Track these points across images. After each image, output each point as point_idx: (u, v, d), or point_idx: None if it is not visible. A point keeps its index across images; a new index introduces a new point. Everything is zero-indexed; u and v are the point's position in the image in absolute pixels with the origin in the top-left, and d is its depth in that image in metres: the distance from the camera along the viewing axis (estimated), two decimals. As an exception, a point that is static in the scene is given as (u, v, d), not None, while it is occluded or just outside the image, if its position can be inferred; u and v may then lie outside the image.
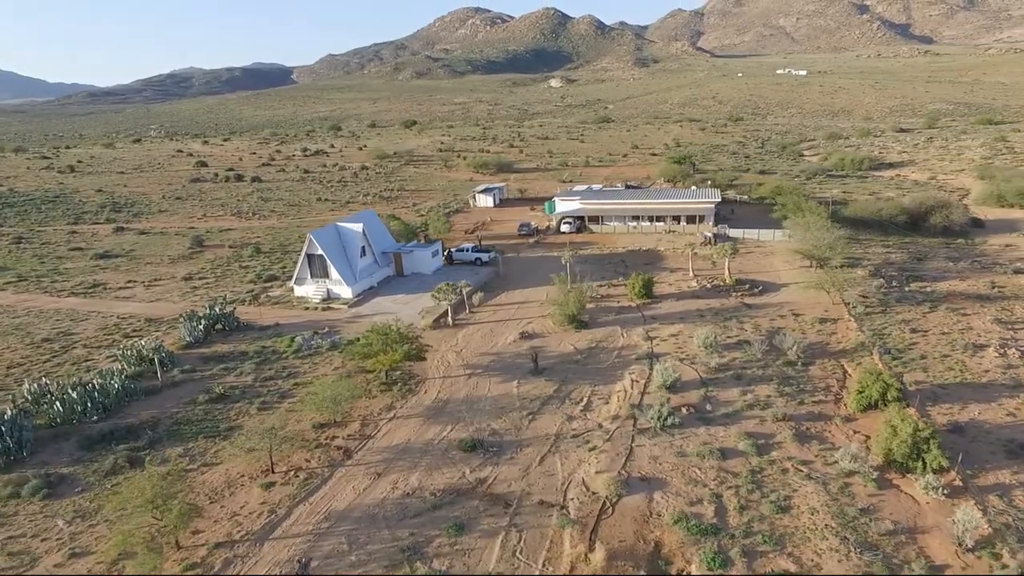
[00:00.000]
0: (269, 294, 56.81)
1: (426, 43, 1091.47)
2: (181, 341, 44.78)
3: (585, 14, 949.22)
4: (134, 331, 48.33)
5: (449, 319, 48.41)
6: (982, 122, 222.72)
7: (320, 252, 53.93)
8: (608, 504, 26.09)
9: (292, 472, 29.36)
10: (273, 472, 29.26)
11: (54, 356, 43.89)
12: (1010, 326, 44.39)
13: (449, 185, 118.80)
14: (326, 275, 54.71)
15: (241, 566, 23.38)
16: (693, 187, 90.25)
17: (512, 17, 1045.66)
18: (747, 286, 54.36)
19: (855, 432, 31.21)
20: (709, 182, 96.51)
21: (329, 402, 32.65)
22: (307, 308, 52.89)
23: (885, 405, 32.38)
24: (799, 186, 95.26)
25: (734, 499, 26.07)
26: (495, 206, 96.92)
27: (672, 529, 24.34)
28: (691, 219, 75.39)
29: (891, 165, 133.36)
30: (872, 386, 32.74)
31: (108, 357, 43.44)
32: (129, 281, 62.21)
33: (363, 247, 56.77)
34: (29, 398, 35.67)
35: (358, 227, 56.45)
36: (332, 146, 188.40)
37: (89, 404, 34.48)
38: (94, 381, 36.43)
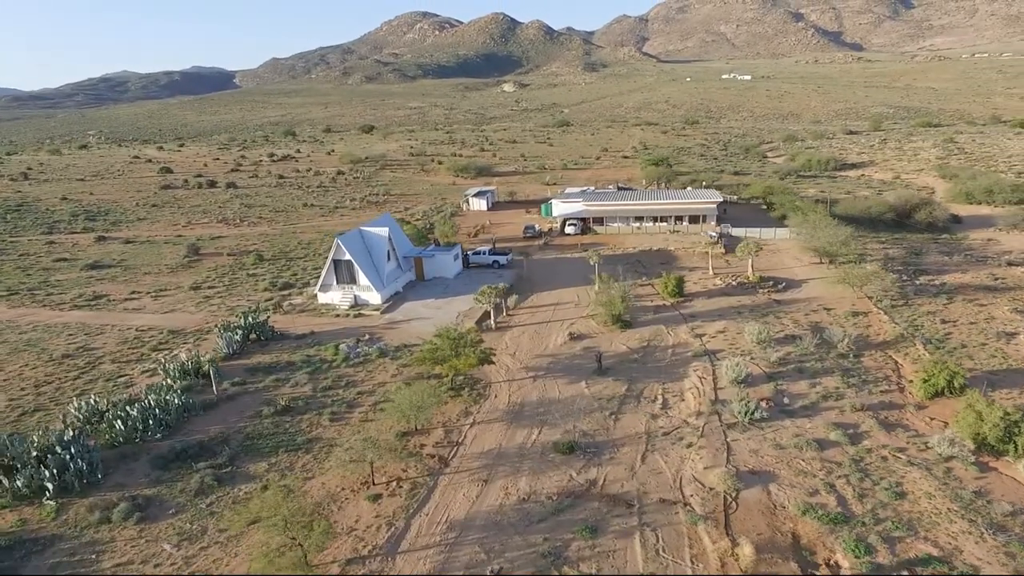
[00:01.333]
0: (291, 302, 54.99)
1: (374, 47, 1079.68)
2: (219, 352, 42.83)
3: (533, 19, 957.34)
4: (161, 344, 45.99)
5: (492, 322, 47.94)
6: (922, 125, 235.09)
7: (348, 257, 52.57)
8: (729, 499, 26.31)
9: (393, 483, 28.47)
10: (374, 484, 28.32)
11: (82, 373, 41.33)
12: (1026, 314, 46.88)
13: (433, 189, 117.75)
14: (353, 281, 53.36)
15: (382, 581, 22.54)
16: (688, 188, 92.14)
17: (461, 22, 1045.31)
18: (771, 283, 55.77)
19: (932, 419, 32.40)
20: (704, 183, 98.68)
21: (414, 410, 31.81)
22: (337, 315, 51.45)
23: (951, 393, 33.82)
24: (788, 186, 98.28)
25: (848, 488, 26.68)
26: (488, 209, 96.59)
27: (803, 520, 24.74)
28: (694, 219, 76.90)
29: (854, 165, 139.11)
30: (939, 375, 34.07)
31: (144, 372, 41.24)
32: (133, 292, 59.20)
33: (388, 252, 55.60)
34: (80, 417, 33.45)
35: (384, 231, 55.33)
36: (299, 151, 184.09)
37: (150, 421, 32.61)
38: (149, 398, 34.45)
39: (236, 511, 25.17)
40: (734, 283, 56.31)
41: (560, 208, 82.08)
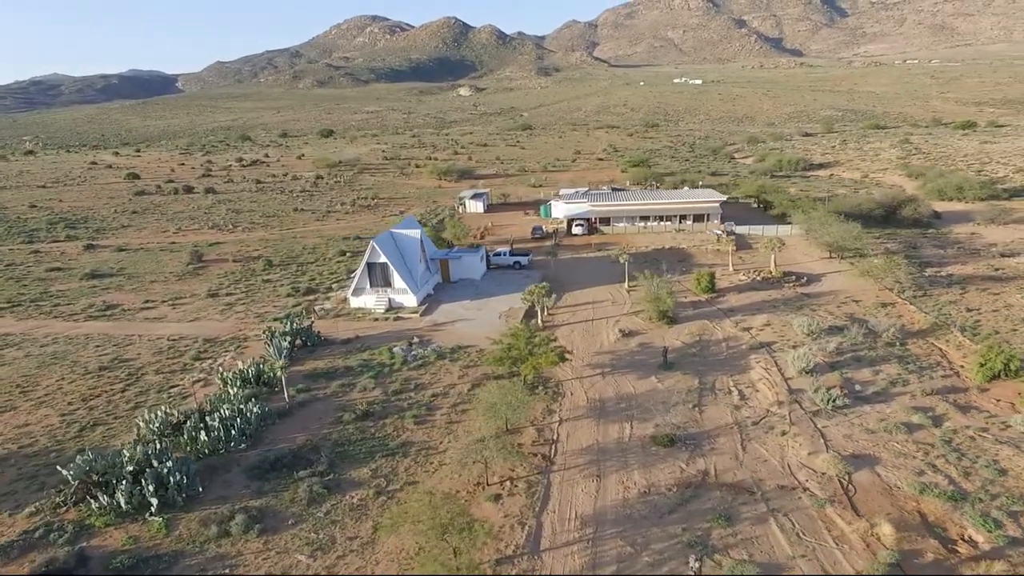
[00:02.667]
0: (323, 307, 53.73)
1: (323, 51, 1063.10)
2: (273, 359, 41.50)
3: (486, 24, 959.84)
4: (202, 353, 44.26)
5: (539, 321, 48.00)
6: (871, 127, 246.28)
7: (383, 260, 51.76)
8: (844, 482, 27.16)
9: (506, 483, 28.28)
10: (488, 484, 28.06)
11: (127, 385, 39.43)
12: (1039, 301, 49.78)
13: (421, 192, 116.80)
14: (388, 284, 52.55)
15: (537, 579, 22.39)
16: (685, 187, 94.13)
17: (412, 26, 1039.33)
18: (793, 278, 57.60)
19: (998, 400, 34.14)
20: (699, 183, 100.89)
21: (510, 409, 31.62)
22: (375, 319, 50.56)
23: (1007, 375, 35.74)
24: (781, 186, 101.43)
25: (950, 467, 27.91)
26: (485, 211, 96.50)
27: (923, 499, 25.77)
28: (698, 218, 78.64)
29: (821, 165, 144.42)
30: (995, 359, 35.93)
31: (196, 382, 39.67)
32: (147, 301, 56.77)
33: (420, 254, 54.98)
34: (154, 430, 31.95)
35: (416, 233, 54.71)
36: (267, 155, 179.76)
37: (232, 431, 31.43)
38: (223, 408, 33.18)
39: (389, 516, 24.45)
40: (758, 278, 57.90)
41: (564, 209, 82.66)
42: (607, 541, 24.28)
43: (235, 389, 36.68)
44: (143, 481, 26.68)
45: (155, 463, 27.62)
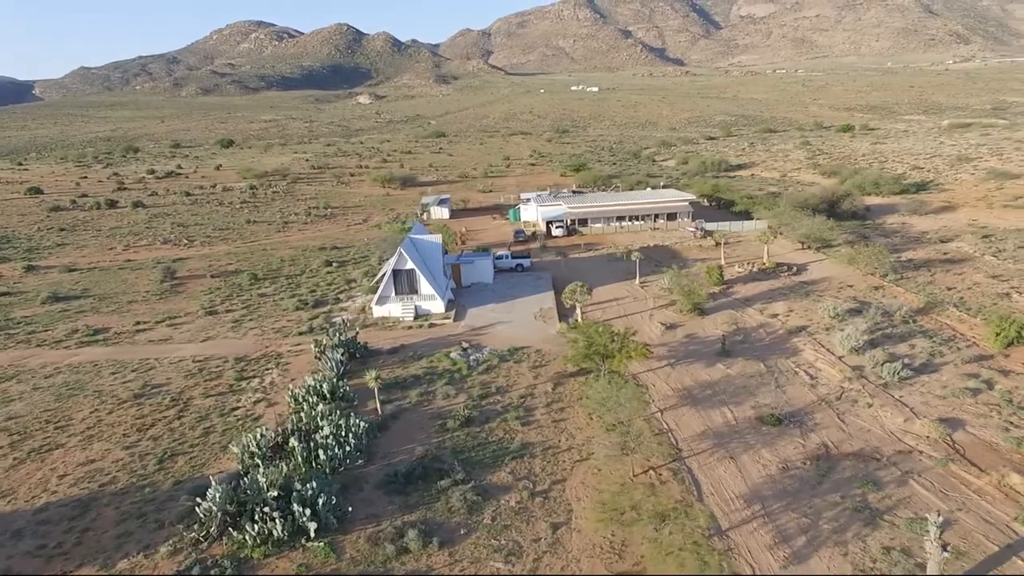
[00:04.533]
0: (344, 318, 51.61)
1: (204, 57, 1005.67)
2: (323, 373, 39.59)
3: (380, 31, 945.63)
4: (244, 372, 41.33)
5: (579, 318, 48.75)
6: (764, 131, 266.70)
7: (411, 266, 50.56)
8: (948, 443, 30.02)
9: (649, 472, 28.88)
10: (635, 476, 28.54)
11: (180, 411, 36.25)
12: (996, 278, 56.56)
13: (371, 201, 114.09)
14: (414, 291, 51.38)
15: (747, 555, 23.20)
16: (648, 188, 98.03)
17: (301, 32, 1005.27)
18: (785, 268, 61.91)
19: (1023, 363, 38.76)
20: (661, 184, 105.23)
21: (620, 405, 32.22)
22: (409, 327, 49.30)
23: (1019, 342, 40.65)
24: (732, 185, 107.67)
25: (1025, 422, 31.54)
26: (449, 218, 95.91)
27: (1022, 451, 29.01)
28: (671, 216, 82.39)
29: (739, 166, 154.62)
30: (1009, 328, 40.74)
31: (256, 402, 37.14)
32: (138, 323, 52.06)
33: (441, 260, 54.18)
34: (258, 452, 29.74)
35: (438, 239, 53.91)
36: (180, 167, 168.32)
37: (348, 448, 29.92)
38: (325, 426, 31.46)
39: (592, 511, 24.24)
40: (755, 270, 61.72)
41: (541, 211, 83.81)
42: (780, 515, 25.52)
43: (315, 406, 34.71)
44: (293, 506, 24.92)
45: (298, 486, 25.86)
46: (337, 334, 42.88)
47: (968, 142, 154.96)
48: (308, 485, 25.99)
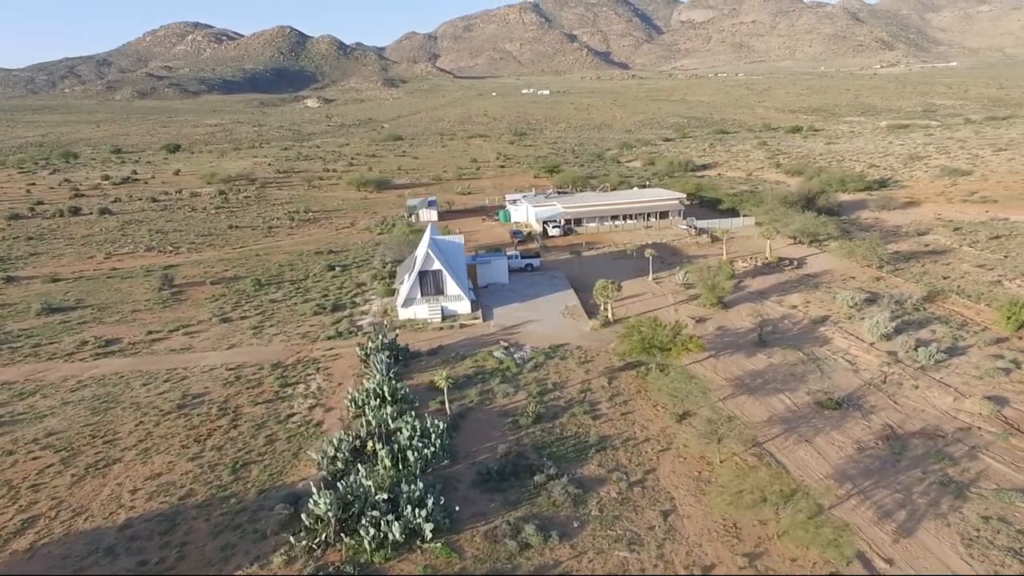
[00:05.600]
0: (371, 321, 50.77)
1: (137, 59, 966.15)
2: (378, 376, 38.96)
3: (324, 34, 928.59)
4: (287, 379, 40.21)
5: (610, 315, 49.41)
6: (717, 132, 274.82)
7: (438, 267, 50.20)
8: (1002, 419, 31.94)
9: (734, 458, 29.67)
10: (721, 462, 29.28)
11: (234, 421, 35.01)
12: (983, 267, 60.19)
13: (352, 204, 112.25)
14: (440, 292, 51.01)
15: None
16: (635, 188, 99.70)
17: (241, 35, 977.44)
18: (787, 262, 64.23)
19: (1037, 344, 41.51)
20: (647, 184, 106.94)
21: (690, 395, 33.04)
22: (440, 328, 48.92)
23: (1030, 323, 43.50)
24: (709, 184, 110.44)
25: (1062, 397, 33.86)
26: (438, 220, 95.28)
27: (1071, 422, 31.17)
28: (663, 215, 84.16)
29: (704, 166, 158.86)
30: (1020, 311, 43.56)
31: (311, 407, 36.24)
32: (150, 332, 49.89)
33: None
34: (341, 457, 29.10)
35: (460, 239, 53.73)
36: (135, 172, 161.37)
37: (434, 448, 29.62)
38: (404, 428, 31.04)
39: (722, 496, 24.63)
40: (759, 264, 63.81)
41: (535, 212, 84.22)
42: (873, 492, 26.68)
43: (376, 409, 34.15)
44: (405, 508, 24.55)
45: (406, 488, 25.49)
46: (379, 336, 42.18)
47: (915, 142, 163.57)
48: (414, 486, 25.64)
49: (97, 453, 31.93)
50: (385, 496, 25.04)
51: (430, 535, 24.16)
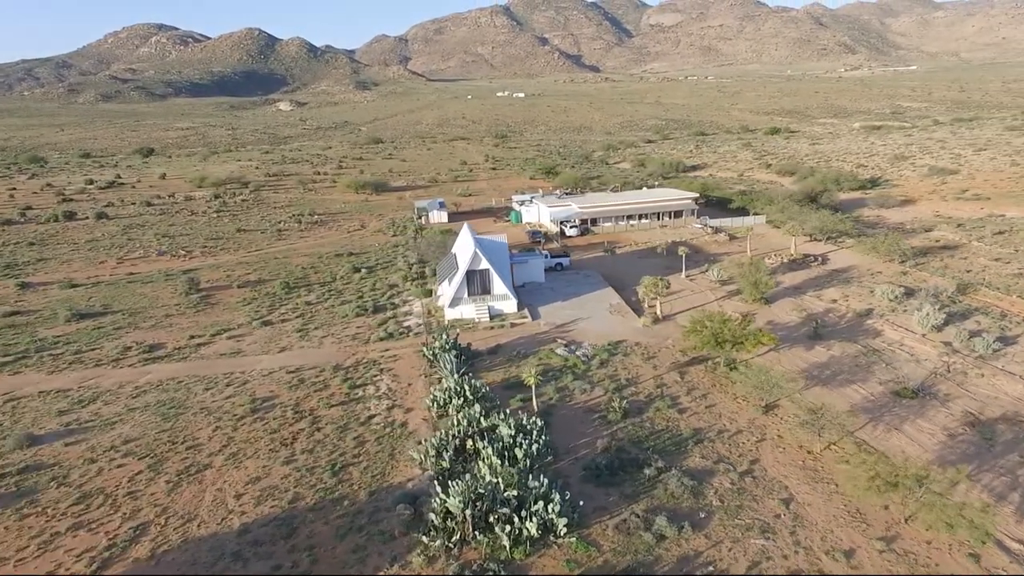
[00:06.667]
0: (418, 321, 50.37)
1: (99, 62, 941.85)
2: (451, 376, 38.72)
3: (294, 36, 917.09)
4: (354, 380, 39.66)
5: (659, 311, 49.86)
6: (696, 134, 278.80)
7: (486, 267, 50.08)
8: (1073, 403, 33.18)
9: (832, 447, 30.24)
10: (821, 450, 29.83)
11: (314, 424, 34.44)
12: (999, 261, 62.31)
13: (355, 206, 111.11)
14: (487, 292, 50.89)
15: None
16: (643, 188, 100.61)
17: (207, 37, 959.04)
18: (812, 258, 65.56)
19: (1080, 331, 43.16)
20: (655, 184, 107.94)
21: (776, 387, 33.58)
22: (491, 327, 48.76)
23: (1066, 312, 45.22)
24: (717, 183, 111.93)
25: (1121, 381, 35.27)
26: (448, 221, 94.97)
27: None
28: (677, 214, 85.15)
29: (694, 167, 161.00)
30: (1057, 300, 45.29)
31: (391, 408, 35.83)
32: (192, 337, 48.71)
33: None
34: (447, 457, 28.87)
35: (503, 239, 53.60)
36: (119, 176, 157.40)
37: (539, 444, 29.57)
38: (502, 425, 30.95)
39: (858, 482, 25.01)
40: (785, 261, 65.01)
41: (553, 212, 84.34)
42: (980, 476, 27.47)
43: (460, 408, 33.96)
44: (540, 503, 24.48)
45: (533, 483, 25.42)
46: (445, 338, 41.92)
47: (896, 142, 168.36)
48: (537, 482, 25.58)
49: (183, 459, 31.11)
50: (515, 493, 24.86)
51: (564, 530, 24.10)
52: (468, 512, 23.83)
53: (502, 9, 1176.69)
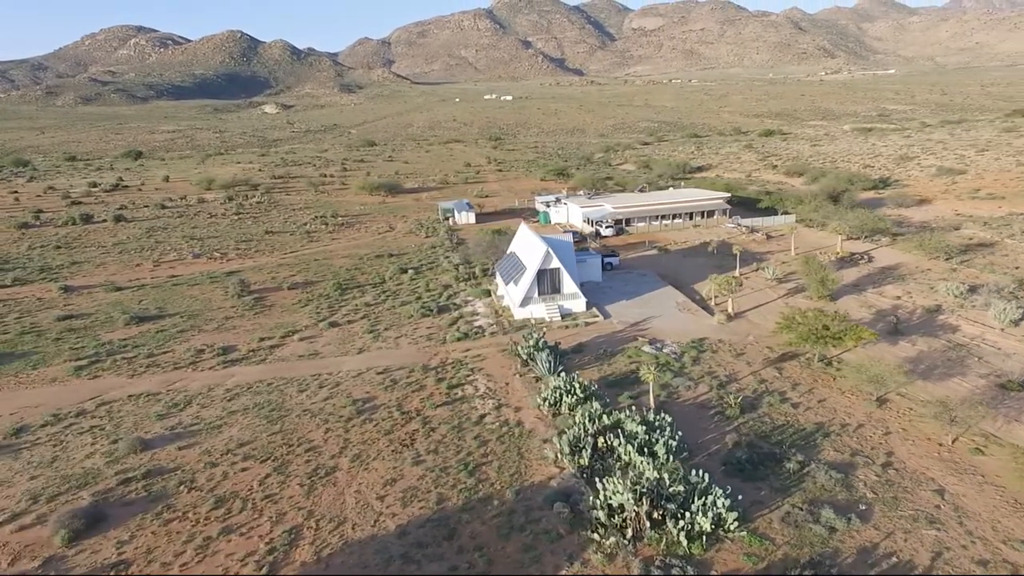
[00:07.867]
0: (489, 322, 50.00)
1: (76, 64, 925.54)
2: (551, 377, 38.49)
3: (277, 39, 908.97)
4: (448, 383, 39.15)
5: (731, 309, 50.03)
6: (690, 136, 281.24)
7: (556, 266, 49.93)
8: None
9: (959, 439, 30.51)
10: (953, 442, 30.08)
11: (425, 424, 33.98)
12: (1034, 256, 63.38)
13: (374, 208, 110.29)
14: (556, 291, 50.71)
15: None
16: (671, 188, 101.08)
17: (188, 39, 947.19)
18: (858, 256, 66.29)
19: None
20: (681, 184, 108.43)
21: (888, 380, 33.84)
22: (566, 327, 48.56)
23: None
24: (744, 184, 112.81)
25: None
26: (476, 222, 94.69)
27: None
28: (710, 214, 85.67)
29: (699, 168, 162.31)
30: (1124, 294, 46.26)
31: (498, 407, 35.48)
32: (262, 339, 47.85)
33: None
34: (586, 455, 28.62)
35: (568, 238, 53.49)
36: (121, 179, 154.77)
37: (675, 441, 29.45)
38: (627, 422, 30.78)
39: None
40: (833, 259, 65.64)
41: (586, 212, 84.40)
42: (1117, 465, 27.86)
43: (575, 407, 33.74)
44: (706, 498, 24.35)
45: (695, 478, 25.30)
46: (537, 338, 41.65)
47: (896, 143, 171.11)
48: (700, 477, 25.45)
49: (307, 462, 30.46)
50: (681, 488, 24.69)
51: (735, 524, 23.98)
52: (642, 508, 23.60)
53: (485, 12, 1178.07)
